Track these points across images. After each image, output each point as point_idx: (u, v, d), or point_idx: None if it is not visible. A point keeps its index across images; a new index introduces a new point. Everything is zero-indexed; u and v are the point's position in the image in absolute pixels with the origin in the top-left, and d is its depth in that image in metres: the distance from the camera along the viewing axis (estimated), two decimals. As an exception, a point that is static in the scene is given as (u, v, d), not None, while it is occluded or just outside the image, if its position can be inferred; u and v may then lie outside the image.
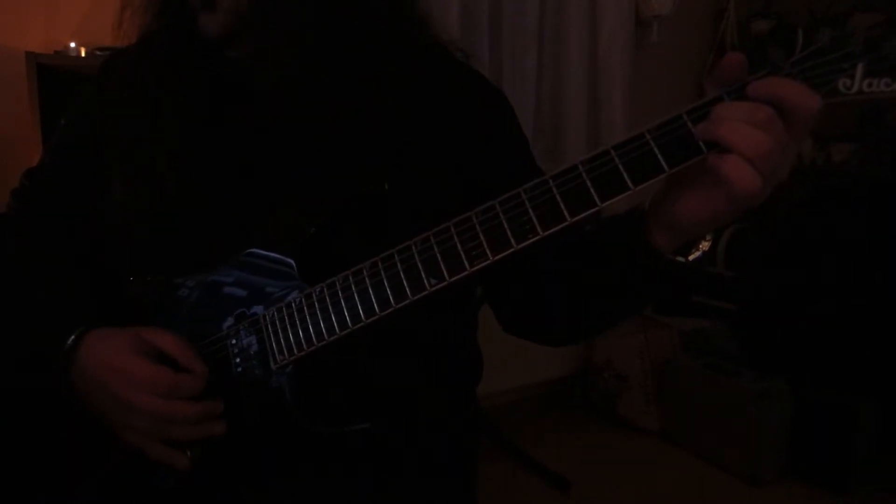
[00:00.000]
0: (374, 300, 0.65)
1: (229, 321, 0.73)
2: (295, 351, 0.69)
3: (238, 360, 0.72)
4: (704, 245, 0.62)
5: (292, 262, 0.70)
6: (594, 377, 2.62)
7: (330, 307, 0.67)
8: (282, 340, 0.69)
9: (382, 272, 0.65)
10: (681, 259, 0.62)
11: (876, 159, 2.46)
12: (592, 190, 0.56)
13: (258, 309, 0.71)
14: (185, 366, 0.71)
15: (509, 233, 0.59)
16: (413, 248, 0.64)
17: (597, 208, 0.57)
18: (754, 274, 2.44)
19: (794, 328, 2.34)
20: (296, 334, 0.69)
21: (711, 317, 2.55)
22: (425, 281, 0.63)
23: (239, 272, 0.73)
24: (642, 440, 2.44)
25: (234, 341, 0.73)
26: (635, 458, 2.35)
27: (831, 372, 2.20)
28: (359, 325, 0.66)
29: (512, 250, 0.60)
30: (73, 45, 1.86)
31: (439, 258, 0.62)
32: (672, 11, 2.62)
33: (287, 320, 0.69)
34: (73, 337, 0.72)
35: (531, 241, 0.59)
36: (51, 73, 1.70)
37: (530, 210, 0.59)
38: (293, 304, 0.69)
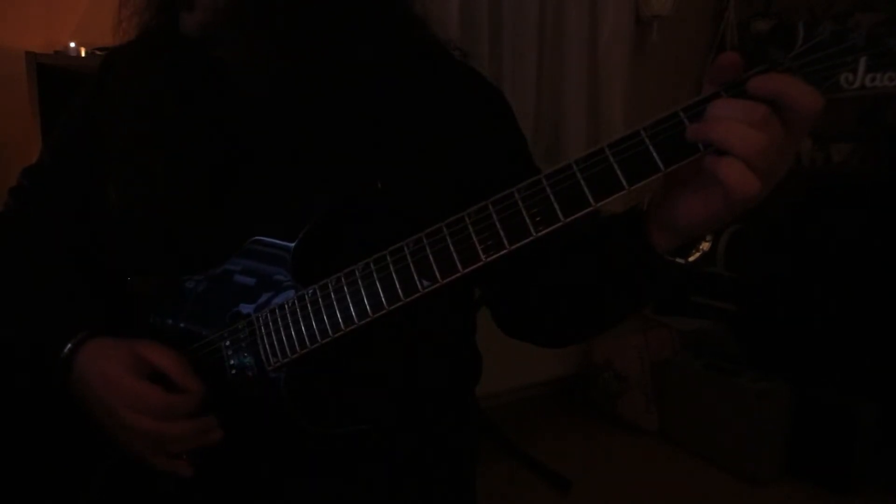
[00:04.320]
0: (366, 302, 0.64)
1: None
2: (288, 353, 0.68)
3: (232, 362, 0.72)
4: (705, 246, 0.61)
5: (291, 246, 0.69)
6: (594, 377, 2.62)
7: (322, 309, 0.66)
8: (275, 343, 0.69)
9: (374, 274, 0.64)
10: (680, 260, 0.61)
11: (875, 159, 2.46)
12: (587, 190, 0.55)
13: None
14: (178, 385, 0.70)
15: (502, 234, 0.59)
16: (405, 248, 0.63)
17: (591, 209, 0.56)
18: (754, 274, 2.44)
19: (794, 328, 2.34)
20: (289, 336, 0.68)
21: (711, 317, 2.55)
22: (417, 283, 0.62)
23: (247, 261, 0.72)
24: (642, 440, 2.44)
25: (227, 343, 0.73)
26: (635, 458, 2.35)
27: (831, 372, 2.20)
28: (351, 328, 0.65)
29: (505, 252, 0.59)
30: (73, 45, 1.86)
31: (431, 259, 0.61)
32: (672, 11, 2.62)
33: (280, 322, 0.69)
34: (69, 345, 0.72)
35: (524, 242, 0.58)
36: (51, 73, 1.70)
37: (523, 211, 0.58)
38: (286, 307, 0.69)
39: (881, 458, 2.09)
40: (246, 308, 0.72)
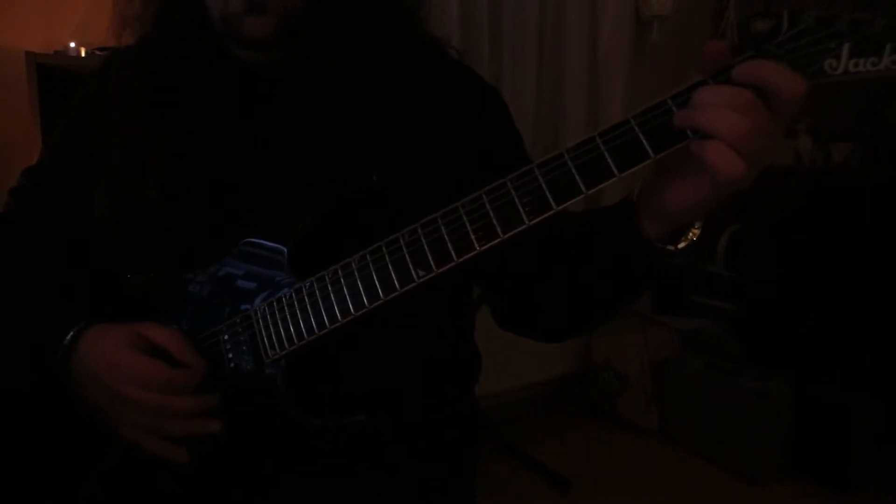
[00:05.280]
0: (363, 293, 0.65)
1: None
2: (286, 345, 0.69)
3: (231, 355, 0.73)
4: (694, 233, 0.62)
5: (284, 249, 0.70)
6: (594, 377, 2.62)
7: (320, 301, 0.67)
8: (273, 335, 0.70)
9: (371, 265, 0.65)
10: (671, 247, 0.62)
11: (875, 159, 2.46)
12: (578, 177, 0.56)
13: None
14: (180, 360, 0.71)
15: (496, 222, 0.59)
16: (401, 239, 0.64)
17: (582, 195, 0.57)
18: (754, 274, 2.44)
19: (794, 328, 2.34)
20: (287, 329, 0.69)
21: (711, 317, 2.55)
22: (413, 273, 0.63)
23: (246, 265, 0.73)
24: (642, 440, 2.44)
25: (226, 337, 0.73)
26: (635, 458, 2.35)
27: (831, 371, 2.20)
28: (348, 319, 0.66)
29: (499, 240, 0.60)
30: (73, 45, 1.87)
31: (427, 249, 0.62)
32: (672, 11, 2.62)
33: (278, 315, 0.69)
34: (71, 333, 0.72)
35: (518, 230, 0.59)
36: (51, 73, 1.70)
37: (516, 199, 0.58)
38: (284, 299, 0.69)
39: (881, 458, 2.09)
40: (245, 308, 0.72)
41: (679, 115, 0.54)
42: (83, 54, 1.86)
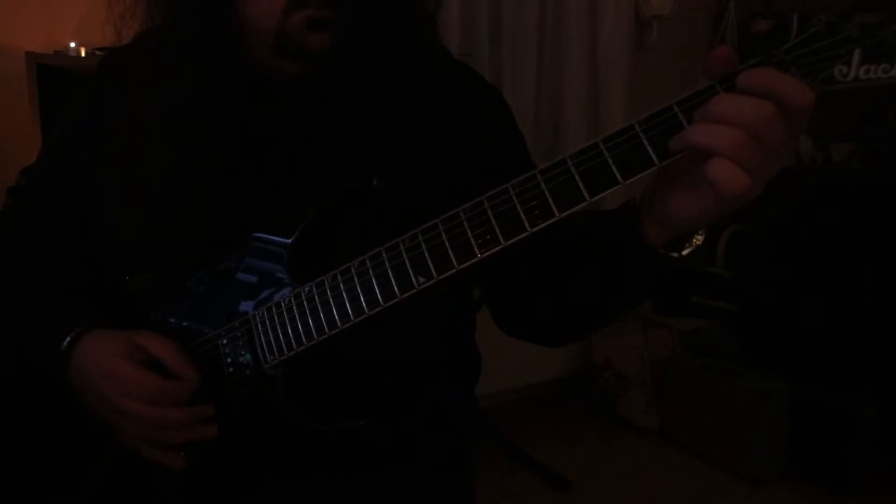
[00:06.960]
0: (362, 299, 0.64)
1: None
2: (285, 350, 0.69)
3: (229, 360, 0.72)
4: (697, 240, 0.61)
5: (288, 241, 0.70)
6: (594, 377, 2.63)
7: (319, 306, 0.67)
8: (272, 340, 0.69)
9: (371, 270, 0.64)
10: (674, 254, 0.61)
11: (875, 159, 2.46)
12: (581, 184, 0.55)
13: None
14: (173, 371, 0.71)
15: (497, 229, 0.58)
16: (401, 245, 0.63)
17: (586, 203, 0.56)
18: (754, 274, 2.44)
19: (794, 328, 2.34)
20: (286, 334, 0.68)
21: (711, 317, 2.55)
22: (413, 279, 0.62)
23: (248, 258, 0.73)
24: (642, 440, 2.44)
25: (224, 341, 0.73)
26: (635, 458, 2.35)
27: (831, 372, 2.20)
28: (348, 325, 0.65)
29: (500, 247, 0.59)
30: (73, 45, 1.87)
31: (427, 256, 0.61)
32: (672, 11, 2.63)
33: (277, 320, 0.69)
34: (68, 338, 0.72)
35: (519, 238, 0.58)
36: (51, 73, 1.71)
37: (518, 206, 0.57)
38: (283, 304, 0.69)
39: (881, 458, 2.09)
40: (245, 305, 0.72)
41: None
42: (83, 54, 1.86)
